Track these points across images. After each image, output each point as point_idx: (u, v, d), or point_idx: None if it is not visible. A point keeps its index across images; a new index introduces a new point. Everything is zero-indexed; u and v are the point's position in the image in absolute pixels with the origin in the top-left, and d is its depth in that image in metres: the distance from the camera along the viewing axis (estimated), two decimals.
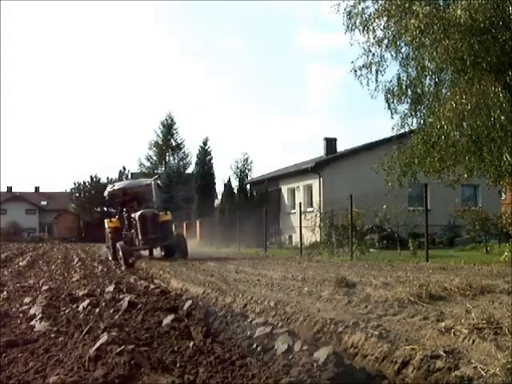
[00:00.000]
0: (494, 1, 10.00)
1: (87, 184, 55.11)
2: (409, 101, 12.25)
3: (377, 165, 13.33)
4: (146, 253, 16.17)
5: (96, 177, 55.32)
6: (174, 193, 45.05)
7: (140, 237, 14.47)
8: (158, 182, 18.52)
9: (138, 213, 14.69)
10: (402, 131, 12.94)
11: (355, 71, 12.52)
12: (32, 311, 4.73)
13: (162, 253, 15.84)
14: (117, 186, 17.97)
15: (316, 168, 26.24)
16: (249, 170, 37.25)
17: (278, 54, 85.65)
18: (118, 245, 13.90)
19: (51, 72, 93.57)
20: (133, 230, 15.10)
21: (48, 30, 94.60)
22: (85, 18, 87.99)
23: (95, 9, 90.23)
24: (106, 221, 16.42)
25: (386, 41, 11.89)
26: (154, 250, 16.45)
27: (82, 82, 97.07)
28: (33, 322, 4.25)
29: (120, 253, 13.52)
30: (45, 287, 6.70)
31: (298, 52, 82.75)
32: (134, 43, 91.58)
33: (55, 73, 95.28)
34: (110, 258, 15.28)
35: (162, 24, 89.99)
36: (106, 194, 18.07)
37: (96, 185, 54.18)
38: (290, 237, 27.21)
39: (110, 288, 6.17)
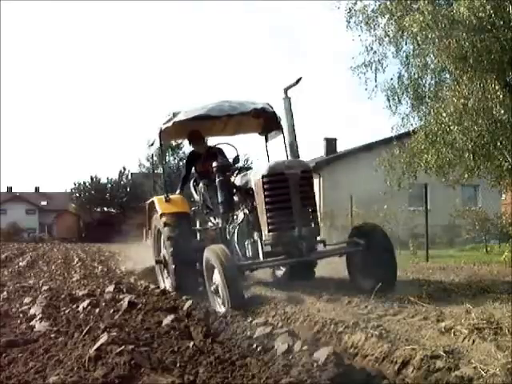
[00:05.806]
0: (494, 0, 10.02)
1: (87, 184, 55.00)
2: (410, 100, 12.25)
3: (377, 162, 13.32)
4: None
5: (96, 177, 55.22)
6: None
7: (267, 233, 5.57)
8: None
9: (264, 170, 5.72)
10: (403, 131, 12.94)
11: (353, 69, 12.49)
12: (32, 311, 4.73)
13: (282, 269, 7.09)
14: (183, 114, 6.78)
15: (316, 168, 26.21)
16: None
17: (280, 53, 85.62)
18: (207, 253, 5.31)
19: (51, 72, 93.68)
20: (227, 224, 6.47)
21: (49, 29, 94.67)
22: (84, 16, 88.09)
23: (94, 8, 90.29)
24: (155, 199, 6.95)
25: (387, 39, 11.90)
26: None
27: (82, 81, 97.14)
28: (33, 322, 4.25)
29: (223, 279, 4.95)
30: (45, 287, 6.70)
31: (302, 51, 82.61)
32: (133, 42, 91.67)
33: (55, 72, 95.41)
34: (168, 286, 6.52)
35: (162, 23, 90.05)
36: (151, 143, 7.61)
37: (96, 185, 54.13)
38: None
39: (110, 288, 6.16)
